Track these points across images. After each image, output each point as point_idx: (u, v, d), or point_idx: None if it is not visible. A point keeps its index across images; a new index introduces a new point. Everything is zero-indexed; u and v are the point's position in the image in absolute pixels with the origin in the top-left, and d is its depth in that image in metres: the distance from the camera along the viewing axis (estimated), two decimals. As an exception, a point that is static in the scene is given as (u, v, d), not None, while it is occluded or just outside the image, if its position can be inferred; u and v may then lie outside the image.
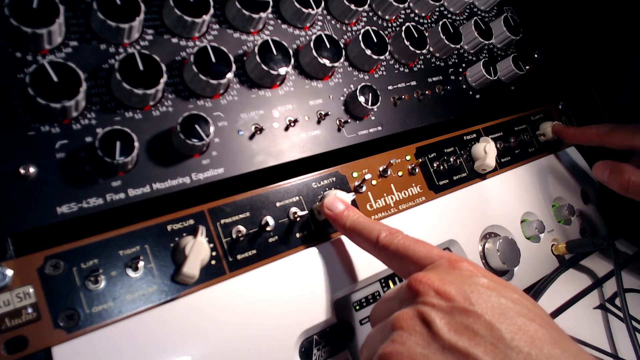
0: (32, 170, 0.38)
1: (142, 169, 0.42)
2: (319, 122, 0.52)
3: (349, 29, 0.58)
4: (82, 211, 0.39)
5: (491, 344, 0.29)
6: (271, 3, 0.49)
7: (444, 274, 0.35)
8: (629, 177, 0.57)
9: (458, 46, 0.63)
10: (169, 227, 0.43)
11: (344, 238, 0.51)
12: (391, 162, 0.55)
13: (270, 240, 0.47)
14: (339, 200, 0.47)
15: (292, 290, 0.46)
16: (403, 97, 0.60)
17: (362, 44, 0.54)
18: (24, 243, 0.38)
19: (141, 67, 0.41)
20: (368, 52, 0.54)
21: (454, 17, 0.70)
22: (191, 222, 0.44)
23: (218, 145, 0.46)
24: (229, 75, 0.45)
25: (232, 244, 0.45)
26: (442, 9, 0.69)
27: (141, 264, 0.40)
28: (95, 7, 0.41)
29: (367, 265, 0.51)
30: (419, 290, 0.34)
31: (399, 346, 0.31)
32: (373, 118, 0.56)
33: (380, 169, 0.56)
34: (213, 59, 0.45)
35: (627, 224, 0.77)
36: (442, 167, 0.61)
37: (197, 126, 0.42)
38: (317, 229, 0.50)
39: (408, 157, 0.59)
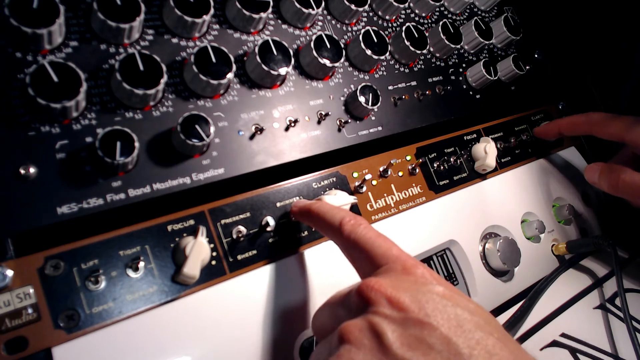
0: (32, 170, 0.38)
1: (143, 169, 0.42)
2: (319, 122, 0.52)
3: (349, 29, 0.58)
4: (82, 211, 0.39)
5: None
6: (271, 3, 0.49)
7: (397, 281, 0.33)
8: (619, 175, 0.58)
9: (458, 46, 0.63)
10: (169, 228, 0.43)
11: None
12: (391, 162, 0.55)
13: (271, 240, 0.47)
14: (306, 200, 0.47)
15: (293, 290, 0.46)
16: (403, 97, 0.60)
17: (362, 44, 0.54)
18: (24, 243, 0.37)
19: (141, 67, 0.41)
20: (368, 52, 0.54)
21: (454, 17, 0.69)
22: (191, 222, 0.44)
23: (218, 146, 0.46)
24: (229, 75, 0.45)
25: (233, 244, 0.45)
26: (442, 9, 0.69)
27: (141, 264, 0.40)
28: (95, 7, 0.41)
29: (367, 266, 0.51)
30: (369, 298, 0.31)
31: None
32: (373, 118, 0.56)
33: (381, 169, 0.56)
34: (213, 59, 0.45)
35: (622, 230, 0.77)
36: (442, 167, 0.61)
37: (197, 126, 0.42)
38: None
39: (408, 157, 0.59)
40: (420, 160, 0.58)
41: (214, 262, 0.43)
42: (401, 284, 0.32)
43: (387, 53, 0.57)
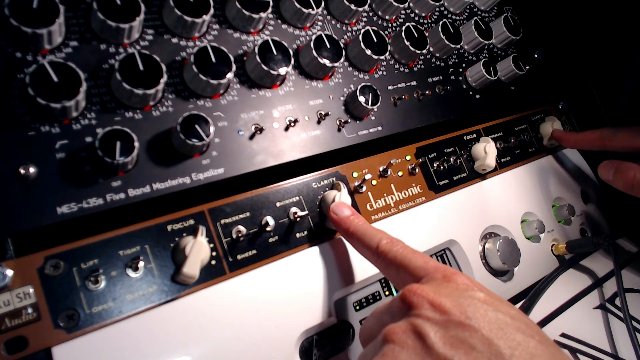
0: (32, 170, 0.38)
1: (142, 169, 0.42)
2: (319, 122, 0.52)
3: (349, 29, 0.58)
4: (82, 211, 0.39)
5: None
6: (271, 3, 0.49)
7: (439, 287, 0.34)
8: (635, 174, 0.57)
9: (458, 46, 0.63)
10: (169, 227, 0.43)
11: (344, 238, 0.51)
12: (391, 162, 0.55)
13: (271, 240, 0.47)
14: (346, 207, 0.48)
15: (292, 290, 0.46)
16: (403, 97, 0.60)
17: (362, 44, 0.54)
18: (24, 243, 0.38)
19: (141, 67, 0.41)
20: (368, 52, 0.54)
21: (454, 17, 0.69)
22: (191, 222, 0.44)
23: (218, 145, 0.46)
24: (229, 75, 0.45)
25: (232, 244, 0.45)
26: (442, 9, 0.69)
27: (141, 264, 0.40)
28: (95, 7, 0.41)
29: (367, 265, 0.51)
30: (412, 303, 0.32)
31: None
32: (373, 118, 0.56)
33: (381, 169, 0.56)
34: (213, 59, 0.45)
35: (630, 223, 0.77)
36: (442, 167, 0.61)
37: (197, 126, 0.42)
38: (317, 229, 0.50)
39: (408, 157, 0.59)
40: (420, 160, 0.58)
41: (213, 262, 0.43)
42: (443, 290, 0.33)
43: (387, 53, 0.57)
